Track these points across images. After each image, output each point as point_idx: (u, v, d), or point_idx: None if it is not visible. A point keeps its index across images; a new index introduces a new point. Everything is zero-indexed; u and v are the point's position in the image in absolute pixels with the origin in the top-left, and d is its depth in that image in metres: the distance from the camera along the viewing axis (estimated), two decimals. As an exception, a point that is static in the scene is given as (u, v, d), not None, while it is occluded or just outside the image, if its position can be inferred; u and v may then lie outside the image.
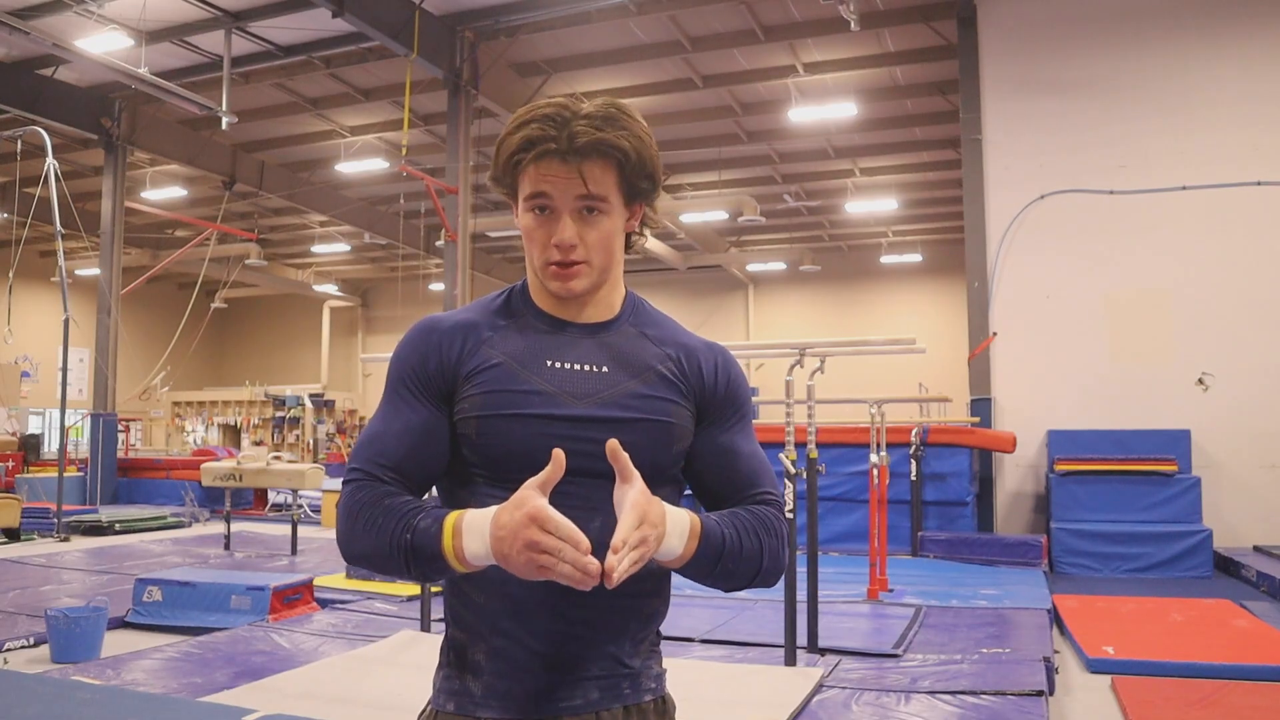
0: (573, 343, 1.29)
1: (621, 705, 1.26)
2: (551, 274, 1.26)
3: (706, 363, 1.35)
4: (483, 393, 1.24)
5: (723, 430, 1.34)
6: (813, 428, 5.62)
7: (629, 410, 1.26)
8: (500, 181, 1.29)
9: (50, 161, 11.43)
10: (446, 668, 1.29)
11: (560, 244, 1.24)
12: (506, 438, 1.22)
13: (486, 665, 1.24)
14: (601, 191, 1.23)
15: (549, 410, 1.23)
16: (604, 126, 1.22)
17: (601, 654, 1.24)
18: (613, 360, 1.29)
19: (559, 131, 1.21)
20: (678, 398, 1.30)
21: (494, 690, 1.23)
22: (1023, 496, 10.30)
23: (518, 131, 1.23)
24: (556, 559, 1.05)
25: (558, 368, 1.26)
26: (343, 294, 26.90)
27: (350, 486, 1.25)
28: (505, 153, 1.25)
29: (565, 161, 1.21)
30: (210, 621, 5.95)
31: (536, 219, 1.25)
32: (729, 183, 18.23)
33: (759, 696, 4.22)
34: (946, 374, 17.91)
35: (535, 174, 1.23)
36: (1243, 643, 5.51)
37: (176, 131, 15.96)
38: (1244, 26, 9.86)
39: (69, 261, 13.49)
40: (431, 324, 1.32)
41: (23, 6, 11.18)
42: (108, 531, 11.24)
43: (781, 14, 12.05)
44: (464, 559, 1.13)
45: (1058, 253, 10.22)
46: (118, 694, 3.90)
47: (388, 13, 11.20)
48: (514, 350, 1.27)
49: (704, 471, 1.33)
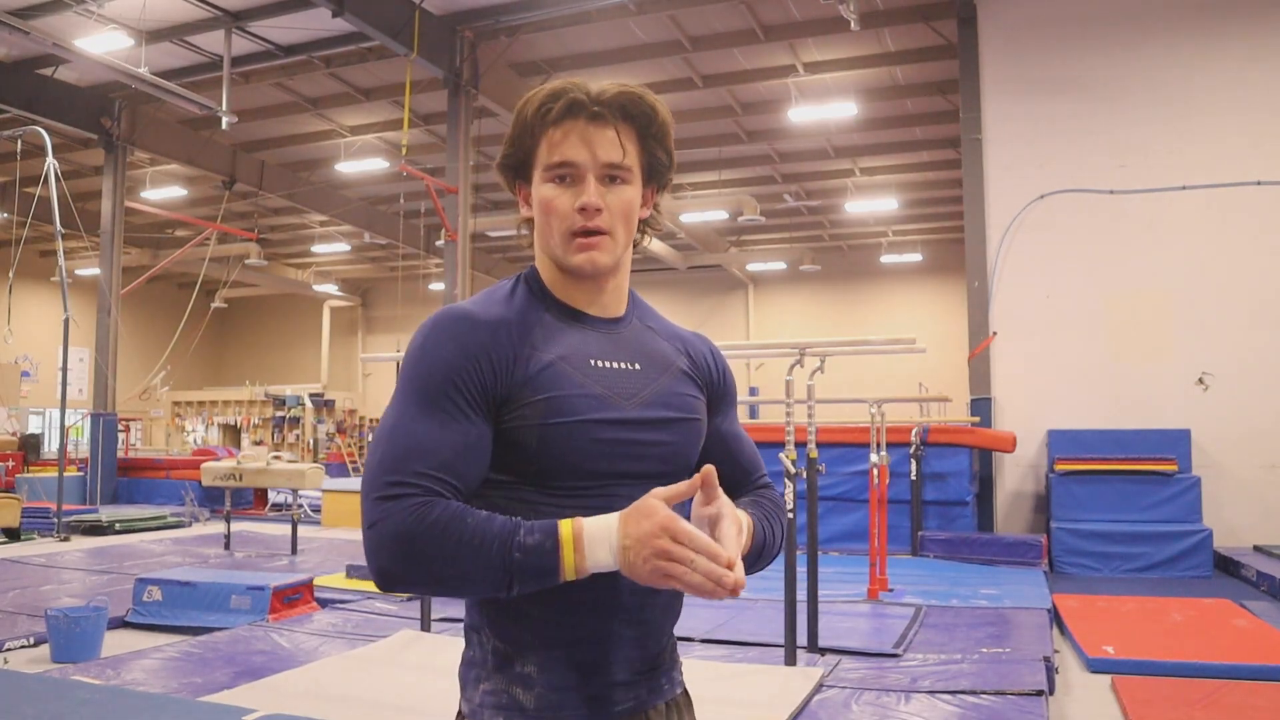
0: (607, 340, 1.27)
1: (663, 701, 1.28)
2: (575, 245, 1.22)
3: (707, 354, 1.39)
4: (544, 398, 1.18)
5: (725, 419, 1.38)
6: (813, 428, 5.62)
7: (670, 409, 1.26)
8: (514, 166, 1.27)
9: (50, 161, 11.43)
10: (490, 680, 1.22)
11: (587, 205, 1.20)
12: (566, 445, 1.18)
13: (539, 677, 1.20)
14: (627, 161, 1.23)
15: (603, 414, 1.20)
16: (627, 94, 1.24)
17: (645, 653, 1.25)
18: (641, 357, 1.28)
19: (585, 99, 1.21)
20: (698, 393, 1.33)
21: (547, 701, 1.20)
22: (1023, 496, 10.30)
23: (551, 103, 1.22)
24: (689, 569, 1.04)
25: (603, 367, 1.24)
26: (343, 294, 26.90)
27: (405, 505, 1.09)
28: (535, 121, 1.22)
29: (597, 125, 1.21)
30: (210, 621, 5.95)
31: (558, 188, 1.22)
32: (729, 183, 18.23)
33: (759, 696, 4.22)
34: (946, 374, 17.91)
35: (561, 138, 1.21)
36: (1243, 643, 5.51)
37: (176, 131, 15.96)
38: (1244, 26, 9.87)
39: (69, 261, 13.49)
40: (468, 318, 1.21)
41: (23, 6, 11.17)
42: (108, 531, 11.24)
43: (781, 14, 12.05)
44: (584, 571, 1.09)
45: (1058, 253, 10.22)
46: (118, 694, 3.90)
47: (388, 13, 11.20)
48: (562, 350, 1.22)
49: (713, 459, 1.32)
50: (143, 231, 21.22)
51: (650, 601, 1.22)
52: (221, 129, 13.20)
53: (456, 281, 12.54)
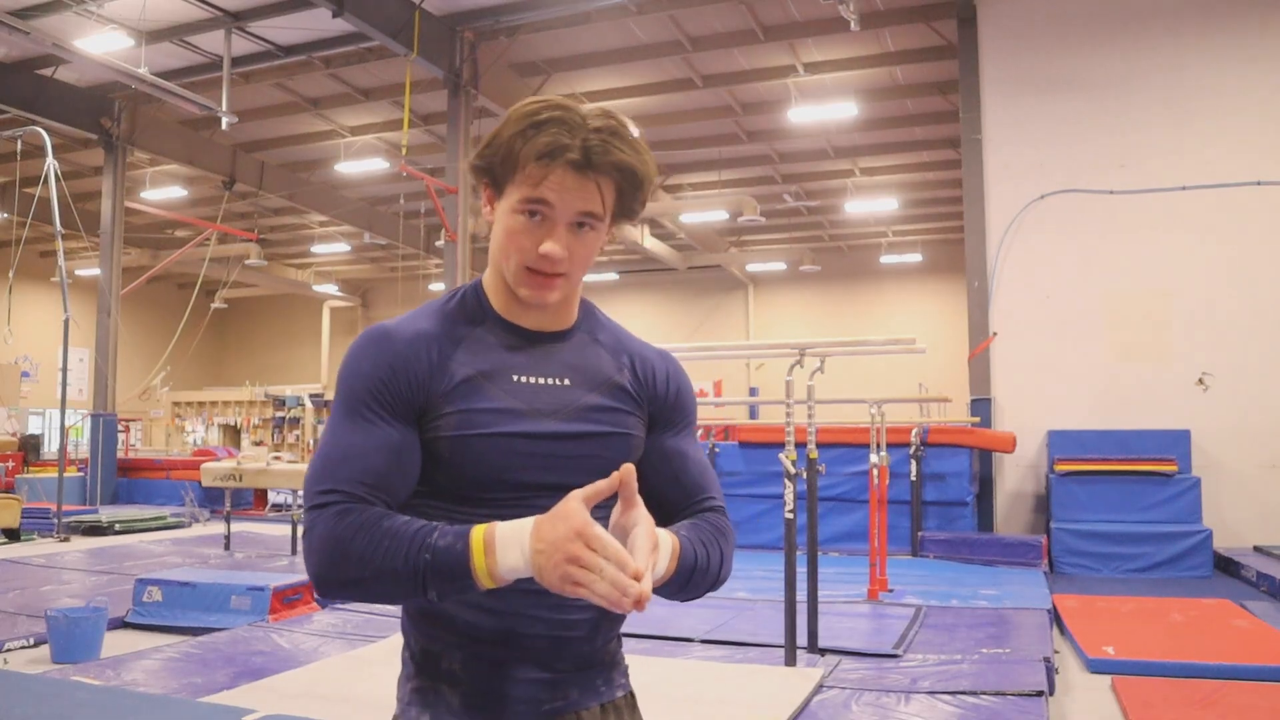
0: (536, 355, 1.28)
1: (599, 703, 1.27)
2: (528, 280, 1.23)
3: (659, 371, 1.36)
4: (456, 412, 1.20)
5: (671, 436, 1.36)
6: (813, 428, 5.62)
7: (594, 424, 1.26)
8: (489, 172, 1.24)
9: (50, 161, 11.43)
10: (417, 678, 1.25)
11: (551, 254, 1.20)
12: (480, 458, 1.20)
13: (464, 673, 1.21)
14: (602, 210, 1.22)
15: (521, 428, 1.21)
16: (616, 143, 1.20)
17: (577, 653, 1.24)
18: (574, 372, 1.28)
19: (573, 140, 1.18)
20: (634, 408, 1.31)
21: (473, 698, 1.21)
22: (1023, 496, 10.30)
23: (534, 133, 1.18)
24: (597, 576, 1.03)
25: (524, 382, 1.25)
26: (343, 294, 26.90)
27: (330, 511, 1.14)
28: (517, 150, 1.19)
29: (580, 174, 1.19)
30: (210, 621, 5.95)
31: (527, 223, 1.21)
32: (729, 183, 18.23)
33: (759, 696, 4.22)
34: (946, 374, 17.92)
35: (543, 182, 1.18)
36: (1243, 643, 5.51)
37: (176, 131, 15.96)
38: (1244, 26, 9.87)
39: (69, 261, 13.48)
40: (387, 334, 1.24)
41: (23, 6, 11.17)
42: (108, 532, 11.23)
43: (781, 14, 12.05)
44: (497, 575, 1.09)
45: (1058, 253, 10.22)
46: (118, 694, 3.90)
47: (388, 13, 11.20)
48: (481, 364, 1.24)
49: (653, 477, 1.32)
50: (143, 232, 21.22)
51: (570, 603, 1.17)
52: (221, 129, 13.21)
53: (456, 281, 12.53)
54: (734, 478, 10.51)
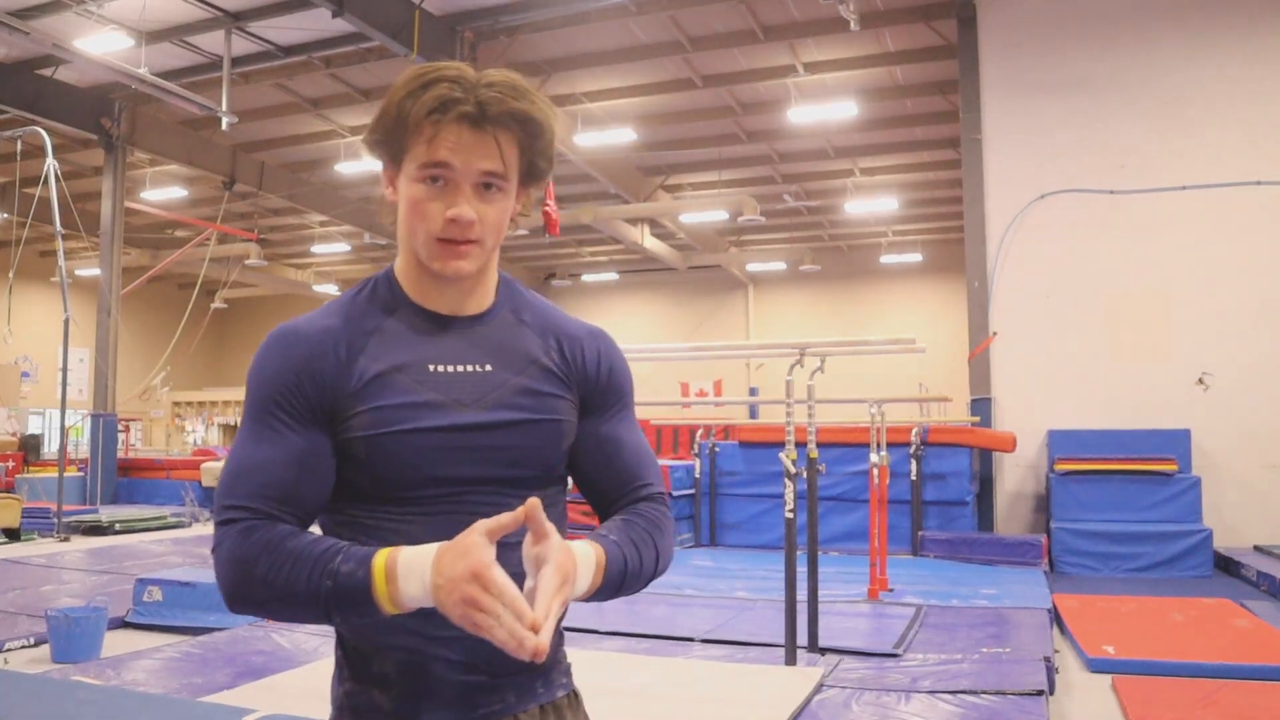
0: (453, 341, 1.21)
1: (537, 704, 1.22)
2: (441, 250, 1.17)
3: (589, 351, 1.29)
4: (369, 409, 1.15)
5: (604, 420, 1.29)
6: (813, 428, 5.62)
7: (519, 411, 1.20)
8: (384, 145, 1.17)
9: (50, 162, 11.43)
10: (349, 681, 1.20)
11: (459, 218, 1.14)
12: (397, 456, 1.14)
13: (396, 676, 1.17)
14: (505, 168, 1.16)
15: (439, 421, 1.16)
16: (511, 94, 1.14)
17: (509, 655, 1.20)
18: (495, 356, 1.22)
19: (467, 95, 1.12)
20: (563, 391, 1.25)
21: (407, 702, 1.17)
22: (1023, 496, 10.30)
23: (424, 90, 1.13)
24: (495, 622, 0.99)
25: (442, 371, 1.19)
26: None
27: (236, 529, 1.11)
28: (408, 110, 1.13)
29: (477, 129, 1.13)
30: (210, 621, 5.94)
31: (429, 189, 1.15)
32: (729, 183, 18.23)
33: (759, 696, 4.22)
34: (946, 374, 17.92)
35: (438, 140, 1.13)
36: (1243, 643, 5.51)
37: (176, 131, 15.96)
38: (1244, 26, 9.87)
39: (69, 262, 13.48)
40: (292, 334, 1.18)
41: (23, 6, 11.17)
42: (108, 531, 11.24)
43: (781, 14, 12.04)
44: (399, 603, 1.05)
45: (1057, 253, 10.22)
46: (118, 694, 3.90)
47: (388, 13, 11.20)
48: (394, 358, 1.18)
49: (586, 464, 1.27)
50: (143, 232, 21.22)
51: None
52: (221, 129, 13.20)
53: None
54: (734, 478, 10.51)
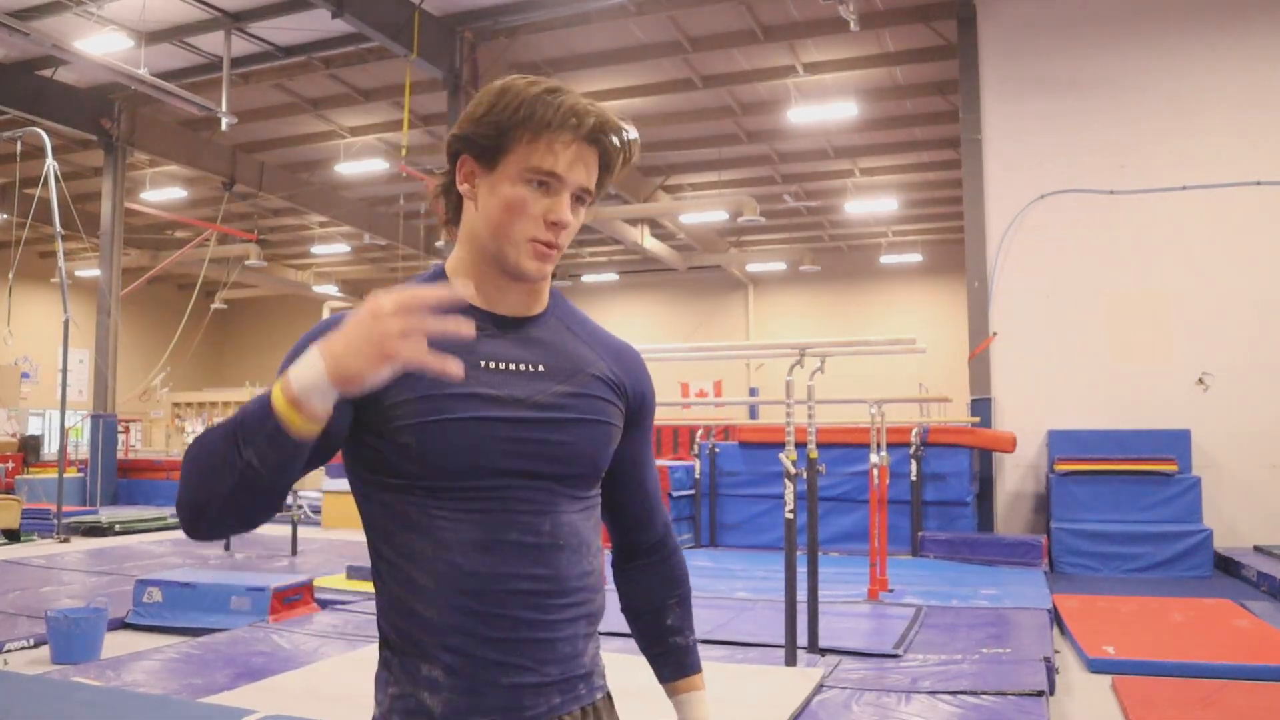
0: (506, 340, 1.24)
1: (579, 707, 1.24)
2: (533, 251, 1.21)
3: (635, 367, 1.35)
4: (419, 397, 1.16)
5: (638, 440, 1.35)
6: (813, 428, 5.62)
7: (570, 411, 1.23)
8: (484, 141, 1.20)
9: (50, 162, 11.43)
10: (397, 685, 1.21)
11: (561, 221, 1.19)
12: (448, 445, 1.16)
13: (445, 681, 1.17)
14: (593, 187, 1.23)
15: (490, 413, 1.18)
16: (621, 129, 1.22)
17: (559, 656, 1.21)
18: (547, 358, 1.25)
19: (590, 114, 1.19)
20: (615, 399, 1.29)
21: (456, 706, 1.17)
22: (1023, 496, 10.29)
23: (553, 98, 1.18)
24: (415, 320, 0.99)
25: (495, 368, 1.21)
26: (343, 295, 26.88)
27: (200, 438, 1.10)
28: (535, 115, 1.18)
29: (590, 147, 1.20)
30: (210, 622, 5.95)
31: (532, 192, 1.19)
32: (729, 183, 18.22)
33: (759, 696, 4.22)
34: (946, 374, 17.91)
35: (556, 150, 1.18)
36: (1243, 643, 5.51)
37: (176, 132, 15.96)
38: (1244, 26, 9.87)
39: (69, 262, 13.48)
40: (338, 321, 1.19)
41: (23, 7, 11.17)
42: (108, 532, 11.24)
43: (781, 14, 12.04)
44: (298, 400, 1.01)
45: (1058, 253, 10.22)
46: (118, 695, 3.90)
47: (387, 13, 11.20)
48: (446, 350, 1.13)
49: (617, 479, 1.34)
50: (142, 233, 21.21)
51: (550, 604, 1.19)
52: (221, 130, 13.19)
53: (456, 282, 12.52)
54: (734, 478, 10.51)
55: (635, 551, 1.41)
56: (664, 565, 1.41)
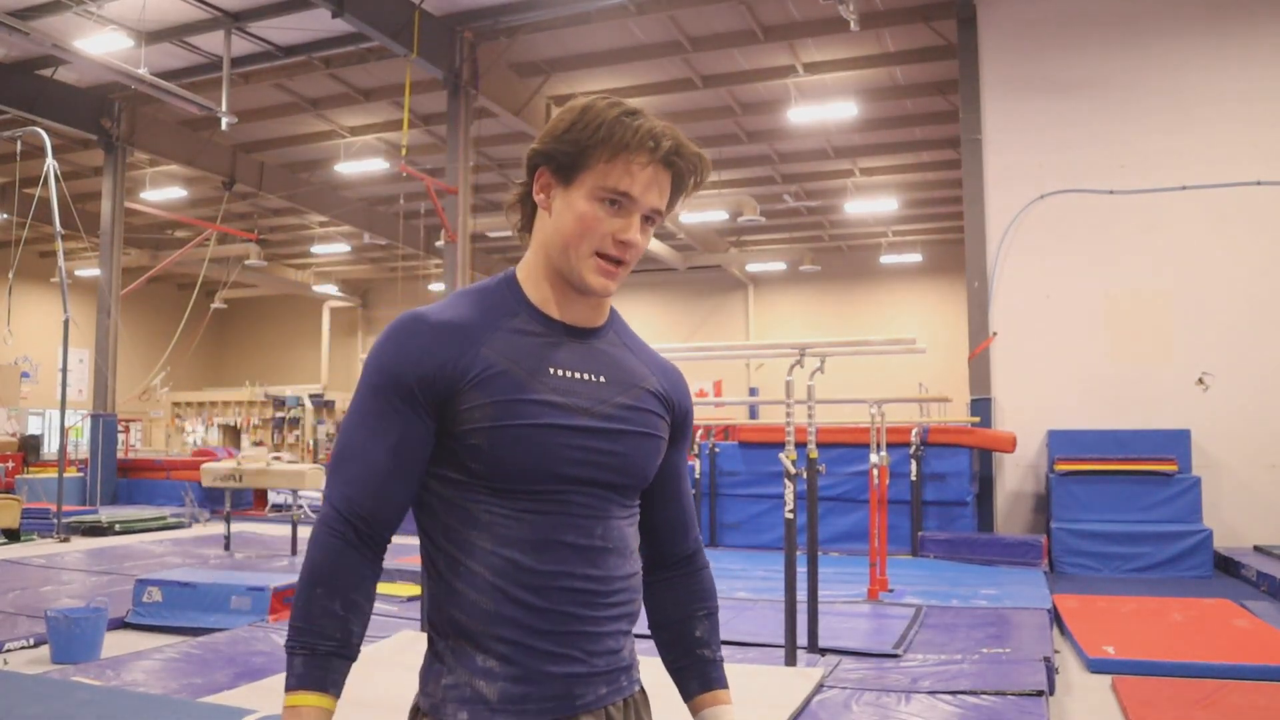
0: (572, 349, 1.29)
1: (622, 698, 1.30)
2: (598, 267, 1.26)
3: (678, 384, 1.40)
4: (491, 401, 1.21)
5: (678, 451, 1.41)
6: (813, 428, 5.62)
7: (626, 423, 1.28)
8: (564, 156, 1.24)
9: (50, 162, 11.43)
10: (452, 675, 1.23)
11: (629, 242, 1.25)
12: (518, 449, 1.20)
13: (501, 670, 1.21)
14: (663, 209, 1.28)
15: (559, 420, 1.22)
16: (696, 156, 1.27)
17: (605, 649, 1.27)
18: (607, 369, 1.30)
19: (667, 138, 1.24)
20: (664, 413, 1.35)
21: (511, 694, 1.21)
22: (1023, 496, 10.30)
23: (632, 120, 1.23)
24: None
25: (562, 376, 1.25)
26: (343, 294, 26.89)
27: (327, 532, 1.26)
28: (615, 135, 1.22)
29: (665, 170, 1.25)
30: (210, 622, 5.95)
31: (606, 209, 1.24)
32: (729, 183, 18.22)
33: (759, 696, 4.22)
34: (946, 374, 17.91)
35: (632, 171, 1.23)
36: (1243, 643, 5.51)
37: (176, 132, 15.96)
38: (1243, 26, 9.87)
39: (69, 262, 13.49)
40: (419, 321, 1.25)
41: (23, 6, 11.17)
42: (107, 532, 11.23)
43: (781, 14, 12.05)
44: None
45: (1058, 253, 10.22)
46: (118, 695, 3.91)
47: (388, 13, 11.20)
48: (517, 356, 1.24)
49: (658, 492, 1.40)
50: (142, 232, 21.22)
51: (601, 601, 1.25)
52: (221, 130, 13.19)
53: (456, 282, 12.54)
54: (734, 478, 10.52)
55: (666, 562, 1.45)
56: (694, 578, 1.45)
